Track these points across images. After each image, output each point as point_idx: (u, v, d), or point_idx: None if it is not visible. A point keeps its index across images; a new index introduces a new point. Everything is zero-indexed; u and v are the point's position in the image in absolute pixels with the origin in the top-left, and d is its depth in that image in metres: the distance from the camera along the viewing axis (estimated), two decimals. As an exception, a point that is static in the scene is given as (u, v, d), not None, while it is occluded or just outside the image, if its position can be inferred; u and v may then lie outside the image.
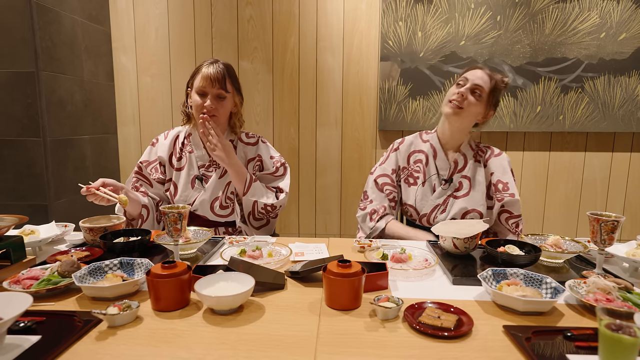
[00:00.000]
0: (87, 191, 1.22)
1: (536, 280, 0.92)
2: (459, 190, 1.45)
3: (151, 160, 1.51)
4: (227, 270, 0.93)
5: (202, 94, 1.39)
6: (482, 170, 1.46)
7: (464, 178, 1.45)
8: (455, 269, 1.05)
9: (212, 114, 1.38)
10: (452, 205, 1.44)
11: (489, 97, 1.39)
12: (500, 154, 1.48)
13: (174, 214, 0.99)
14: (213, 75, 1.36)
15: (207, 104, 1.37)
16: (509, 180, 1.43)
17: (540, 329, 0.77)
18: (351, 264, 0.87)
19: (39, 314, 0.80)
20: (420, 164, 1.50)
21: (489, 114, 1.44)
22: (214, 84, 1.37)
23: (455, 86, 1.42)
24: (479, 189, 1.44)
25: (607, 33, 2.27)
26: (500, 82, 1.42)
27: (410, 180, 1.51)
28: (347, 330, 0.78)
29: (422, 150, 1.51)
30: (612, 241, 0.96)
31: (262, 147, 1.55)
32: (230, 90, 1.42)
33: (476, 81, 1.38)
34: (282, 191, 1.53)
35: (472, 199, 1.43)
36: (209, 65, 1.39)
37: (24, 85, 1.88)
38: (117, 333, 0.75)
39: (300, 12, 2.39)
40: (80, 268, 0.95)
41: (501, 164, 1.45)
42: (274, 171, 1.54)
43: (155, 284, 0.83)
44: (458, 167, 1.46)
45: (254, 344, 0.73)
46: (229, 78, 1.40)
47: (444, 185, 1.46)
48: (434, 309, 0.83)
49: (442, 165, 1.47)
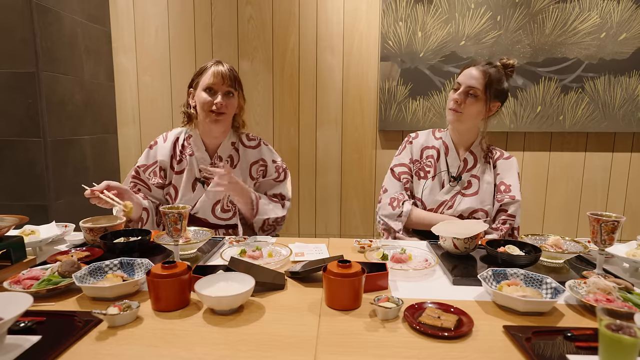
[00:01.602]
0: (91, 194, 1.21)
1: (536, 281, 0.92)
2: (468, 189, 1.45)
3: (149, 164, 1.48)
4: (227, 270, 0.93)
5: (210, 90, 1.38)
6: (491, 171, 1.47)
7: (473, 177, 1.46)
8: (455, 269, 1.05)
9: (221, 110, 1.38)
10: (459, 203, 1.44)
11: (486, 92, 1.38)
12: (510, 157, 1.49)
13: (174, 214, 0.99)
14: (224, 73, 1.37)
15: (218, 101, 1.36)
16: (512, 183, 1.44)
17: (541, 329, 0.77)
18: (351, 264, 0.87)
19: (39, 314, 0.80)
20: (432, 159, 1.51)
21: (494, 107, 1.42)
22: (225, 81, 1.37)
23: (452, 91, 1.43)
24: (487, 189, 1.45)
25: (607, 33, 2.27)
26: (496, 72, 1.39)
27: (421, 173, 1.52)
28: (347, 331, 0.78)
29: (434, 146, 1.53)
30: (612, 241, 0.96)
31: (265, 151, 1.54)
32: (237, 89, 1.43)
33: (468, 82, 1.38)
34: (284, 198, 1.54)
35: (480, 199, 1.44)
36: (216, 64, 1.39)
37: (25, 85, 1.88)
38: (117, 333, 0.76)
39: (301, 12, 2.39)
40: (80, 268, 0.95)
41: (508, 167, 1.46)
42: (276, 177, 1.54)
43: (156, 284, 0.83)
44: (468, 166, 1.47)
45: (254, 344, 0.73)
46: (234, 77, 1.41)
47: (452, 183, 1.46)
48: (434, 309, 0.83)
49: (453, 163, 1.48)
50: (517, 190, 1.43)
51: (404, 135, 2.38)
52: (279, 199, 1.54)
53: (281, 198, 1.54)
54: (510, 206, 1.41)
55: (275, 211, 1.48)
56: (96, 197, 1.22)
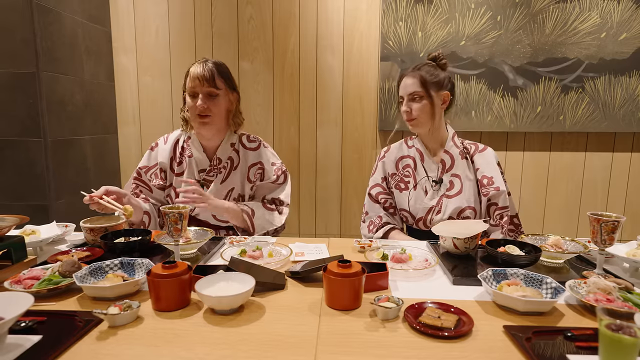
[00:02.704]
0: (90, 200, 1.20)
1: (536, 281, 0.92)
2: (451, 190, 1.45)
3: (150, 166, 1.48)
4: (227, 270, 0.93)
5: (193, 94, 1.36)
6: (470, 167, 1.46)
7: (454, 177, 1.45)
8: (455, 269, 1.05)
9: (204, 113, 1.35)
10: (446, 206, 1.44)
11: (427, 90, 1.39)
12: (485, 149, 1.48)
13: (175, 214, 0.99)
14: (200, 74, 1.33)
15: (199, 104, 1.34)
16: (493, 175, 1.43)
17: (541, 329, 0.77)
18: (351, 264, 0.87)
19: (40, 313, 0.80)
20: (410, 169, 1.51)
21: (444, 97, 1.43)
22: (203, 83, 1.34)
23: (400, 105, 1.45)
24: (469, 185, 1.44)
25: (607, 33, 2.27)
26: (427, 69, 1.40)
27: (401, 185, 1.52)
28: (348, 330, 0.78)
29: (408, 155, 1.53)
30: (612, 241, 0.96)
31: (264, 153, 1.52)
32: (222, 87, 1.38)
33: (407, 91, 1.41)
34: (282, 204, 1.51)
35: (465, 197, 1.43)
36: (197, 65, 1.36)
37: (25, 85, 1.88)
38: (117, 333, 0.76)
39: (301, 12, 2.39)
40: (81, 268, 0.95)
41: (485, 159, 1.45)
42: (275, 180, 1.51)
43: (156, 284, 0.83)
44: (446, 167, 1.46)
45: (255, 344, 0.73)
46: (218, 75, 1.36)
47: (435, 187, 1.46)
48: (434, 309, 0.83)
49: (430, 167, 1.48)
50: (500, 181, 1.42)
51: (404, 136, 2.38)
52: (277, 205, 1.51)
53: (279, 204, 1.51)
54: (498, 198, 1.41)
55: (272, 222, 1.46)
56: (95, 202, 1.20)
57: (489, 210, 1.44)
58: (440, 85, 1.42)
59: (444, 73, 1.44)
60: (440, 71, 1.43)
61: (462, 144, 1.49)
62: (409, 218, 1.51)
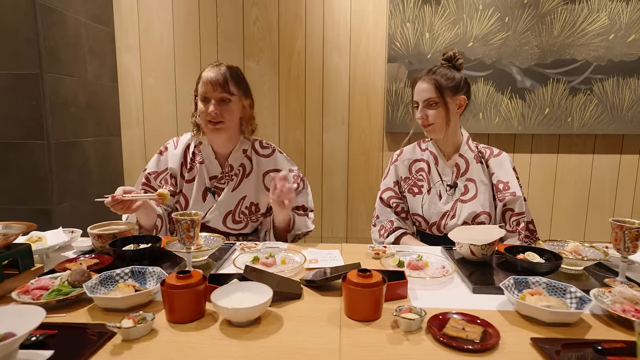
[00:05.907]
0: (113, 200, 1.14)
1: (560, 290, 0.90)
2: (466, 194, 1.42)
3: (160, 171, 1.43)
4: (242, 279, 0.91)
5: (205, 99, 1.31)
6: (485, 171, 1.43)
7: (469, 181, 1.42)
8: (472, 276, 1.03)
9: (217, 120, 1.30)
10: (461, 210, 1.41)
11: (443, 96, 1.36)
12: (500, 153, 1.45)
13: (187, 221, 0.96)
14: (213, 79, 1.28)
15: (211, 110, 1.29)
16: (509, 179, 1.40)
17: (570, 341, 0.75)
18: (372, 273, 0.85)
19: (50, 326, 0.77)
20: (423, 173, 1.48)
21: (461, 101, 1.40)
22: (216, 88, 1.28)
23: (414, 109, 1.42)
24: (484, 190, 1.41)
25: (616, 34, 2.25)
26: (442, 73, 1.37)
27: (414, 189, 1.49)
28: (370, 343, 0.75)
29: (422, 158, 1.49)
30: (636, 249, 0.94)
31: (280, 159, 1.48)
32: (236, 92, 1.32)
33: (422, 96, 1.38)
34: (307, 210, 1.49)
35: (480, 202, 1.40)
36: (210, 69, 1.31)
37: (28, 87, 1.85)
38: (132, 347, 0.73)
39: (307, 14, 2.36)
40: (90, 277, 0.92)
41: (501, 164, 1.43)
42: (295, 187, 1.45)
43: (171, 295, 0.80)
44: (461, 171, 1.43)
45: (274, 357, 0.71)
46: (232, 80, 1.31)
47: (450, 191, 1.43)
48: (458, 320, 0.80)
49: (445, 171, 1.45)
50: (516, 186, 1.39)
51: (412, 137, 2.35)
52: (302, 211, 1.48)
53: (304, 210, 1.48)
54: (514, 204, 1.38)
55: (307, 225, 1.45)
56: (119, 202, 1.15)
57: (504, 215, 1.41)
58: (457, 90, 1.38)
59: (459, 74, 1.40)
60: (455, 72, 1.39)
61: (477, 147, 1.46)
62: (422, 223, 1.48)
